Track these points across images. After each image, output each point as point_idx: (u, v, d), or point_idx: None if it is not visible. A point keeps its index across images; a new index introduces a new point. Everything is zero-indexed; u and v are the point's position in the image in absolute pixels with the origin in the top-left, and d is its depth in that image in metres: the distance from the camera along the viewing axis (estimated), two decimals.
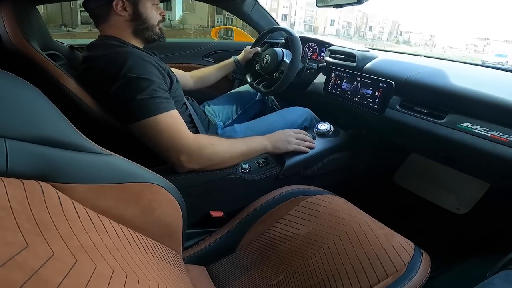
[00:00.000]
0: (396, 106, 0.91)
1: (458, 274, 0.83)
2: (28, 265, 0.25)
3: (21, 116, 0.36)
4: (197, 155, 0.75)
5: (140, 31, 0.86)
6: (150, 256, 0.47)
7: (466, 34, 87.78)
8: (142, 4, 0.83)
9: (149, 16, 0.86)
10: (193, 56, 1.52)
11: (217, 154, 0.79)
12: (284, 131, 0.95)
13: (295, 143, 0.93)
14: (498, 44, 76.67)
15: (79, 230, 0.35)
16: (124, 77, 0.71)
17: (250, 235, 0.78)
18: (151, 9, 0.86)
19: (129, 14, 0.82)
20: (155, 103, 0.72)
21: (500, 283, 0.43)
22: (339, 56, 1.18)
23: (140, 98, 0.71)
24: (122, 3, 0.80)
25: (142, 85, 0.72)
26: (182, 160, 0.74)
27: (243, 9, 1.48)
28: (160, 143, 0.73)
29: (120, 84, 0.72)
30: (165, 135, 0.72)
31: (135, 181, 0.49)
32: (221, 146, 0.80)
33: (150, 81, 0.73)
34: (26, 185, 0.33)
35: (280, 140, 0.92)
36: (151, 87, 0.73)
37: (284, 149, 0.92)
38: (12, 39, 0.69)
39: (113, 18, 0.82)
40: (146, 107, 0.71)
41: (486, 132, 0.71)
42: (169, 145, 0.73)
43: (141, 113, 0.72)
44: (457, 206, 1.14)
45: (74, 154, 0.42)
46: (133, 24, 0.84)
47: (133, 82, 0.71)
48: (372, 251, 0.63)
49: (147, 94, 0.72)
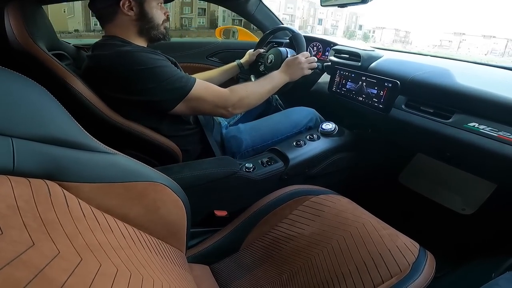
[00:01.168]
0: (401, 105, 0.90)
1: (463, 275, 0.83)
2: (34, 263, 0.25)
3: (28, 116, 0.36)
4: (239, 104, 0.89)
5: (146, 30, 0.87)
6: (154, 255, 0.47)
7: (440, 29, 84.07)
8: (148, 4, 0.84)
9: (154, 16, 0.87)
10: (197, 55, 1.53)
11: (253, 98, 0.93)
12: (294, 59, 1.05)
13: (308, 67, 1.07)
14: (475, 39, 74.26)
15: (84, 229, 0.36)
16: (138, 71, 0.75)
17: (254, 235, 0.78)
18: (156, 8, 0.87)
19: (135, 14, 0.83)
20: (182, 81, 0.79)
21: (506, 284, 0.43)
22: (344, 55, 1.17)
23: (166, 82, 0.77)
24: (128, 3, 0.81)
25: (159, 72, 0.77)
26: (230, 111, 0.87)
27: (247, 9, 1.47)
28: (206, 109, 0.85)
29: (137, 79, 0.75)
30: (207, 101, 0.83)
31: (140, 180, 0.49)
32: (254, 92, 0.93)
33: (163, 67, 0.78)
34: (33, 184, 0.34)
35: (295, 70, 1.04)
36: (168, 70, 0.78)
37: (301, 75, 1.06)
38: (19, 39, 0.70)
39: (119, 17, 0.83)
40: (177, 89, 0.78)
41: (494, 132, 0.71)
42: (215, 107, 0.85)
43: (175, 96, 0.79)
44: (463, 207, 1.13)
45: (80, 153, 0.42)
46: (138, 24, 0.85)
47: (150, 72, 0.76)
48: (376, 251, 0.63)
49: (169, 76, 0.77)
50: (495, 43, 67.38)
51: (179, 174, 0.77)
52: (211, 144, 0.96)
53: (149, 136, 0.82)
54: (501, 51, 66.42)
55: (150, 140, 0.82)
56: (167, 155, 0.87)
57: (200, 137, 0.97)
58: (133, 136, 0.80)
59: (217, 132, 1.05)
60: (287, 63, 1.05)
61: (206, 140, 0.96)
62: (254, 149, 1.04)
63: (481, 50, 66.62)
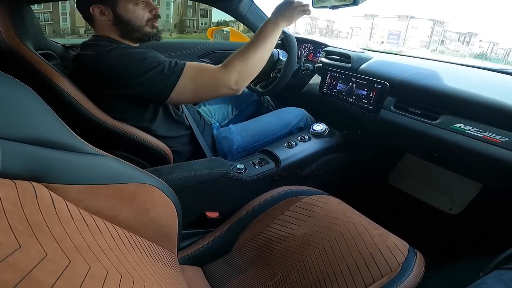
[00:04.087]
0: (390, 107, 0.91)
1: (451, 274, 0.84)
2: (21, 266, 0.25)
3: (14, 116, 0.36)
4: (241, 77, 0.81)
5: (127, 33, 0.83)
6: (145, 256, 0.46)
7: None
8: (121, 7, 0.79)
9: (132, 18, 0.81)
10: (189, 56, 1.52)
11: (253, 66, 0.83)
12: (283, 2, 0.88)
13: (301, 8, 0.88)
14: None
15: (72, 231, 0.35)
16: (126, 65, 0.73)
17: (246, 236, 0.78)
18: (133, 10, 0.81)
19: (110, 19, 0.80)
20: (171, 67, 0.75)
21: (493, 282, 0.43)
22: (334, 57, 1.19)
23: (155, 71, 0.74)
24: (99, 8, 0.78)
25: (147, 62, 0.74)
26: (235, 88, 0.81)
27: (239, 9, 1.47)
28: (206, 91, 0.80)
29: (126, 72, 0.73)
30: (205, 84, 0.78)
31: (129, 182, 0.49)
32: (251, 58, 0.82)
33: (150, 57, 0.75)
34: (19, 185, 0.33)
35: (289, 11, 0.86)
36: (155, 60, 0.76)
37: (296, 17, 0.88)
38: (6, 38, 0.68)
39: (97, 22, 0.80)
40: (167, 75, 0.75)
41: (479, 133, 0.72)
42: (215, 88, 0.79)
43: (167, 82, 0.75)
44: (450, 207, 1.15)
45: (67, 155, 0.42)
46: (118, 27, 0.81)
47: (137, 64, 0.74)
48: (367, 251, 0.63)
49: (157, 64, 0.75)
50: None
51: (170, 175, 0.76)
52: (202, 145, 0.96)
53: (138, 137, 0.81)
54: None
55: (140, 141, 0.81)
56: (157, 156, 0.86)
57: (191, 138, 0.96)
58: (122, 137, 0.79)
59: (208, 133, 1.05)
60: (279, 6, 0.88)
61: (197, 141, 0.96)
62: (246, 149, 1.04)
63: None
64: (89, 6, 0.77)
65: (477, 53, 63.09)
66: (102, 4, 0.77)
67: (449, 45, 65.38)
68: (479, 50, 66.03)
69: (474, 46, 68.39)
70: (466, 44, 67.90)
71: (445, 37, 65.42)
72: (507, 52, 66.93)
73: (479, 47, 67.13)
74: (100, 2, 0.77)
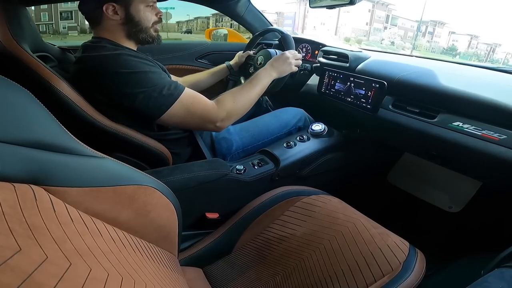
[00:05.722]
0: (388, 106, 0.91)
1: (452, 273, 0.84)
2: (21, 268, 0.25)
3: (12, 119, 0.35)
4: (228, 117, 0.85)
5: (134, 34, 0.85)
6: (146, 258, 0.46)
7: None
8: (134, 7, 0.82)
9: (142, 19, 0.84)
10: (186, 57, 1.52)
11: (242, 107, 0.89)
12: (280, 55, 1.02)
13: (295, 63, 1.03)
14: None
15: (72, 234, 0.35)
16: (124, 74, 0.73)
17: (246, 236, 0.78)
18: (143, 11, 0.84)
19: (121, 18, 0.81)
20: (170, 88, 0.77)
21: (495, 280, 0.43)
22: (332, 56, 1.19)
23: (153, 89, 0.75)
24: (112, 7, 0.79)
25: (146, 78, 0.75)
26: (218, 126, 0.84)
27: (237, 10, 1.47)
28: (194, 122, 0.82)
29: (122, 82, 0.73)
30: (196, 114, 0.81)
31: (128, 184, 0.48)
32: (241, 100, 0.89)
33: (151, 72, 0.76)
34: (18, 188, 0.33)
35: (282, 66, 1.00)
36: (156, 77, 0.77)
37: (289, 71, 1.02)
38: (2, 40, 0.68)
39: (105, 21, 0.81)
40: (163, 97, 0.75)
41: (477, 131, 0.72)
42: (203, 121, 0.82)
43: (160, 104, 0.76)
44: (450, 205, 1.15)
45: (66, 157, 0.41)
46: (126, 27, 0.83)
47: (136, 77, 0.74)
48: (368, 250, 0.63)
49: (156, 83, 0.75)
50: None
51: (169, 177, 0.76)
52: (201, 146, 0.96)
53: (137, 139, 0.81)
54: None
55: (139, 143, 0.81)
56: (156, 158, 0.86)
57: (190, 139, 0.96)
58: (121, 139, 0.79)
59: (207, 134, 1.05)
60: (274, 59, 1.01)
61: (196, 142, 0.96)
62: (245, 150, 1.04)
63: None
64: (102, 5, 0.78)
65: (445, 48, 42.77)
66: (117, 2, 0.79)
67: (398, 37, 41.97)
68: (450, 44, 43.49)
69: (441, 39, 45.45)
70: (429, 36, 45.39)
71: (396, 25, 42.93)
72: (492, 48, 42.72)
73: (453, 40, 44.20)
74: (115, 0, 0.79)
